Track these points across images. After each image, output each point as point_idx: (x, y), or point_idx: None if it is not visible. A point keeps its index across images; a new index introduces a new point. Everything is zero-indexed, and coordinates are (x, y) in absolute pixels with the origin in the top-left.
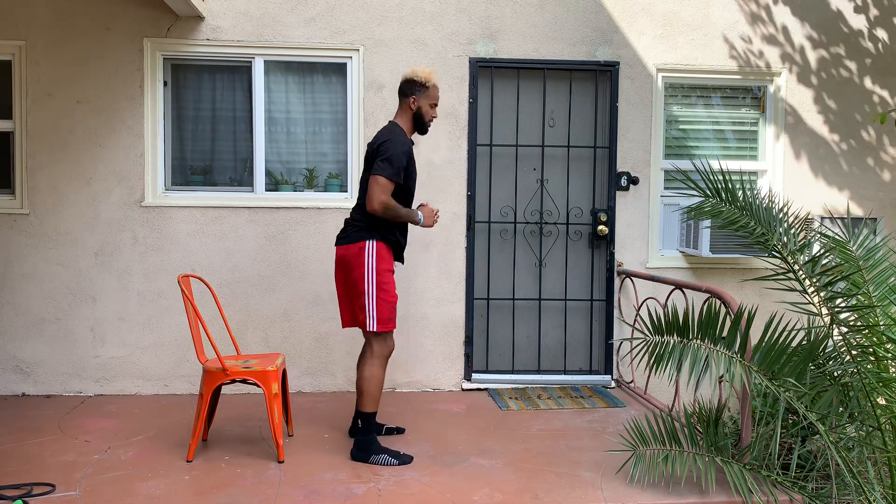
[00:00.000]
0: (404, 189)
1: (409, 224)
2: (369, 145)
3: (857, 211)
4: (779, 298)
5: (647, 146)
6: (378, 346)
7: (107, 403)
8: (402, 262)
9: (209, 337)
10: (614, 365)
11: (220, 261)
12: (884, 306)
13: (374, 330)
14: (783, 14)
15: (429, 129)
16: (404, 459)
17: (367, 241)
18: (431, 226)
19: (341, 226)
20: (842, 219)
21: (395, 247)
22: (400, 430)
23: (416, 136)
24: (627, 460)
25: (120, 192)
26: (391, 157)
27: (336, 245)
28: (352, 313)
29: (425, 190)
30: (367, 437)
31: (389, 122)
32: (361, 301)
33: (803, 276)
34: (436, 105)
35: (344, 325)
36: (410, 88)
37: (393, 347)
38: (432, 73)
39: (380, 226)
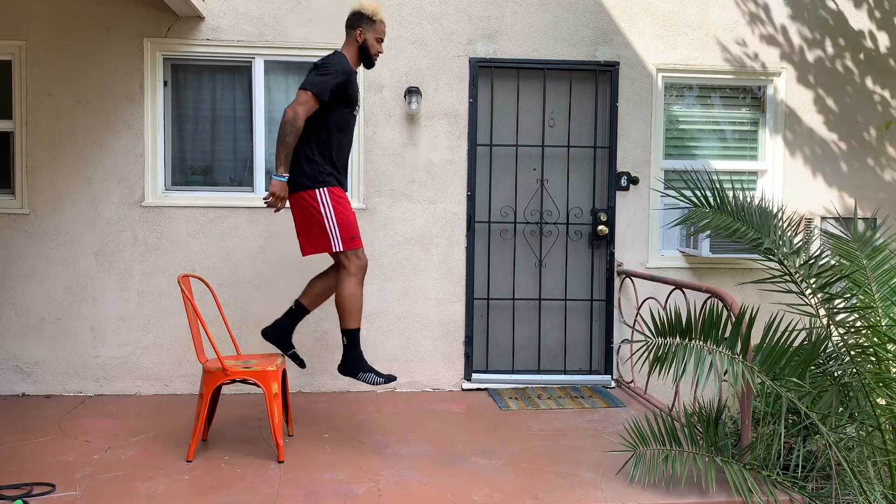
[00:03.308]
0: (338, 117)
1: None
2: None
3: (857, 211)
4: (778, 299)
5: (647, 146)
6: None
7: (107, 403)
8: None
9: (209, 337)
10: (614, 365)
11: (220, 261)
12: (885, 307)
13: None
14: (783, 14)
15: (375, 62)
16: (389, 378)
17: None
18: (268, 201)
19: None
20: (837, 219)
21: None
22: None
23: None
24: (627, 460)
25: (120, 192)
26: (324, 76)
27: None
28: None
29: (426, 190)
30: (353, 354)
31: (335, 51)
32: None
33: (800, 277)
34: (382, 40)
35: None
36: (357, 21)
37: None
38: (379, 7)
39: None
